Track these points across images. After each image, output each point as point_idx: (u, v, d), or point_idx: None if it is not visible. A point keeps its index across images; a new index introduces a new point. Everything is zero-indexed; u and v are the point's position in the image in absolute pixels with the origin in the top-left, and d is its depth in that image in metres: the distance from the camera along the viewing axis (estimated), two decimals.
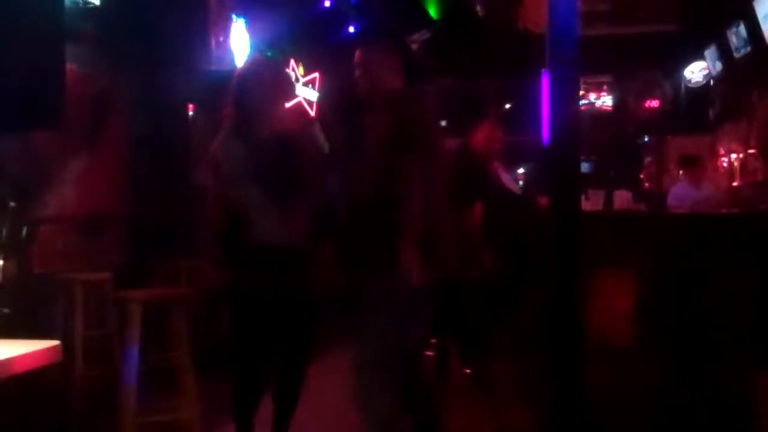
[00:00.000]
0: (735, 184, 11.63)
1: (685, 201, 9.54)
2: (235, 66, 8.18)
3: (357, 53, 4.35)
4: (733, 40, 11.28)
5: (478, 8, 11.92)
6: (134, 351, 4.94)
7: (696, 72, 14.26)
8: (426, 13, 12.41)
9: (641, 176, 15.33)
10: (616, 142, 15.66)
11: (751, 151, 11.13)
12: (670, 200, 10.06)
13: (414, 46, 12.46)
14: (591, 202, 7.65)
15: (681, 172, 10.91)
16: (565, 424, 2.79)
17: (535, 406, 4.79)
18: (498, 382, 6.22)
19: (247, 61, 6.65)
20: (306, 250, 4.59)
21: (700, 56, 13.72)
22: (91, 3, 6.57)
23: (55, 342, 3.30)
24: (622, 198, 9.27)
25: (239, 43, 9.20)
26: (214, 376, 5.18)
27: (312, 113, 11.39)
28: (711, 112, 13.66)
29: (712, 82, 13.64)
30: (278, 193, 4.43)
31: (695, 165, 10.25)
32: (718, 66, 12.68)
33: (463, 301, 6.11)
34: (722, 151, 12.58)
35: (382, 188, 4.02)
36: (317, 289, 4.67)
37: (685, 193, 9.89)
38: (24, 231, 5.44)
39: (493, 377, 6.27)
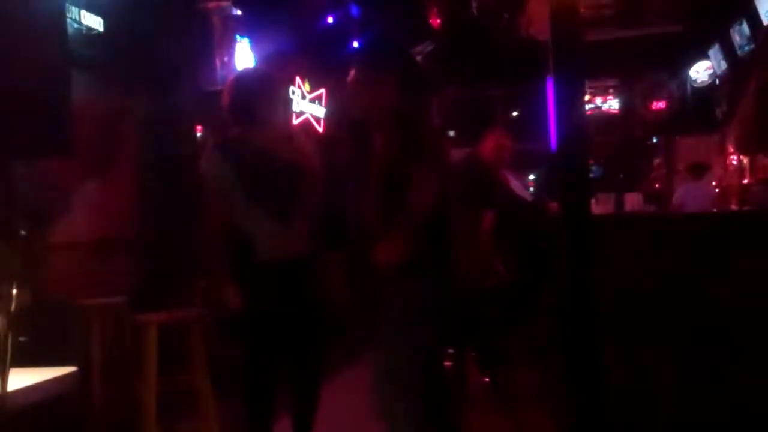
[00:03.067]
0: (745, 181, 11.61)
1: (688, 200, 9.71)
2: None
3: (350, 72, 4.30)
4: (737, 38, 11.28)
5: (480, 17, 11.93)
6: (152, 374, 4.94)
7: (701, 71, 14.26)
8: (429, 24, 12.43)
9: (651, 177, 15.32)
10: (625, 144, 15.65)
11: None
12: (678, 200, 10.20)
13: (418, 58, 12.49)
14: (602, 206, 7.65)
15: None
16: (586, 430, 2.78)
17: (555, 412, 4.77)
18: (517, 389, 6.21)
19: (237, 72, 6.65)
20: (312, 262, 4.58)
21: (704, 56, 13.72)
22: (95, 30, 6.60)
23: (72, 368, 3.31)
24: (632, 200, 9.30)
25: (244, 62, 9.24)
26: (231, 396, 5.18)
27: (320, 129, 11.43)
28: (718, 111, 13.64)
29: (717, 81, 13.64)
30: (274, 206, 4.43)
31: (704, 172, 10.62)
32: (723, 65, 12.69)
33: (479, 310, 6.11)
34: (731, 149, 12.56)
35: (395, 199, 4.00)
36: (327, 302, 4.67)
37: (690, 193, 10.04)
38: (36, 258, 5.46)
39: (512, 385, 6.26)
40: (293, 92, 10.78)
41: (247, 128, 4.48)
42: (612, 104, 16.18)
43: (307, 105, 11.15)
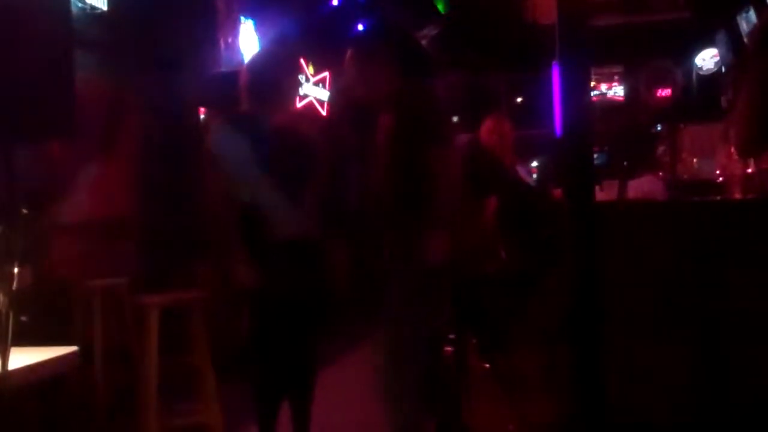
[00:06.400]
0: (749, 170, 11.57)
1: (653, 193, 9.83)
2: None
3: (347, 56, 4.28)
4: (743, 26, 11.22)
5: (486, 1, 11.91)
6: (153, 355, 4.94)
7: (707, 59, 14.23)
8: (434, 8, 12.39)
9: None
10: (629, 132, 15.60)
11: None
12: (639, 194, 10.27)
13: (423, 42, 12.44)
14: (606, 192, 7.63)
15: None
16: (588, 417, 2.78)
17: (557, 399, 4.77)
18: (518, 376, 6.20)
19: (263, 48, 6.65)
20: (320, 242, 4.59)
21: (710, 43, 13.68)
22: (98, 9, 6.57)
23: (73, 348, 3.31)
24: (635, 188, 9.27)
25: (248, 44, 9.21)
26: (234, 378, 5.19)
27: (323, 112, 11.40)
28: (723, 99, 13.60)
29: (723, 69, 13.59)
30: (288, 184, 4.42)
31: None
32: (729, 53, 12.64)
33: (481, 296, 6.09)
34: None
35: (404, 182, 3.99)
36: (329, 286, 4.67)
37: (650, 187, 10.11)
38: (38, 239, 5.45)
39: (513, 371, 6.25)
40: None
41: (261, 106, 4.48)
42: (617, 91, 16.14)
43: (310, 88, 11.12)
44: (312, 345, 4.68)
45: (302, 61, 10.85)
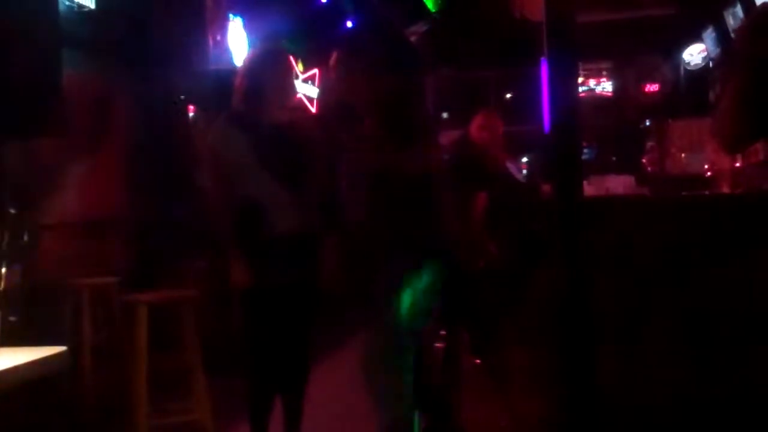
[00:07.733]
0: (737, 165, 11.61)
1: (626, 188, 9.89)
2: (234, 65, 8.18)
3: (331, 58, 4.24)
4: (731, 21, 11.26)
5: None
6: (142, 354, 4.93)
7: (695, 54, 14.27)
8: (424, 5, 12.39)
9: (643, 161, 15.32)
10: (617, 127, 15.65)
11: None
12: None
13: (412, 39, 12.43)
14: (594, 188, 7.65)
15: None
16: (578, 413, 2.79)
17: (547, 394, 4.79)
18: (509, 371, 6.21)
19: (256, 48, 6.64)
20: (316, 238, 4.59)
21: (698, 38, 13.71)
22: (86, 7, 6.56)
23: (62, 348, 3.30)
24: (625, 183, 9.31)
25: (237, 42, 9.20)
26: (224, 376, 5.18)
27: (312, 110, 11.40)
28: (711, 94, 13.65)
29: (711, 64, 13.64)
30: (287, 179, 4.43)
31: None
32: (717, 48, 12.69)
33: (472, 291, 6.10)
34: None
35: (384, 195, 3.97)
36: (323, 282, 4.67)
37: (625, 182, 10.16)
38: (26, 238, 5.44)
39: (504, 367, 6.26)
40: None
41: (259, 104, 4.49)
42: (605, 87, 16.19)
43: (300, 85, 11.11)
44: (305, 340, 4.68)
45: (292, 59, 10.85)
